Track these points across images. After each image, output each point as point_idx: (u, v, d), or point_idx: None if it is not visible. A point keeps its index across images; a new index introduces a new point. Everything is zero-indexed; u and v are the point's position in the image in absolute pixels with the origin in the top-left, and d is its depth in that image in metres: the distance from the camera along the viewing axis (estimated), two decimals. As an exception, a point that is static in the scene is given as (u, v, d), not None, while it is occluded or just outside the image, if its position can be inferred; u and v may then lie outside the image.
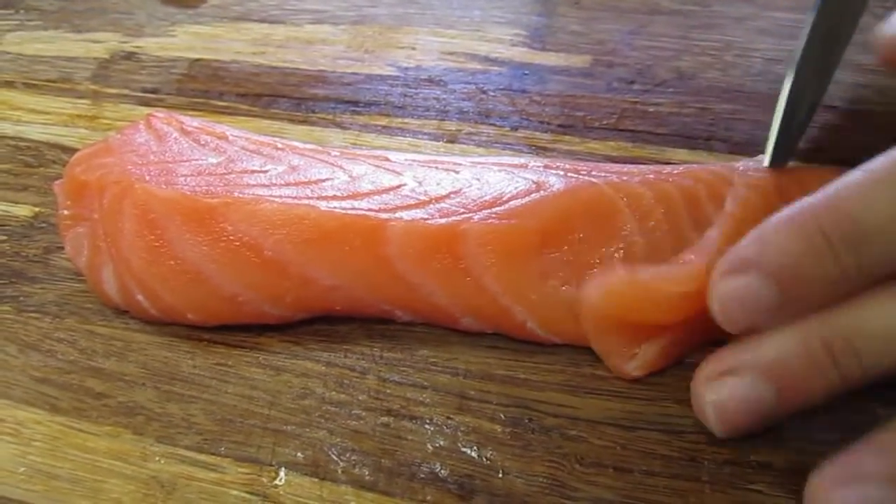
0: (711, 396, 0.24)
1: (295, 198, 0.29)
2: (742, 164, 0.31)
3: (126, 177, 0.30)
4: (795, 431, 0.26)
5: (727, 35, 0.40)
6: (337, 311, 0.30)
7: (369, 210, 0.29)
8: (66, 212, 0.32)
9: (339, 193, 0.29)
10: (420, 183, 0.30)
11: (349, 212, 0.28)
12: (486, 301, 0.28)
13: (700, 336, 0.27)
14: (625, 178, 0.30)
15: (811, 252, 0.22)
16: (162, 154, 0.32)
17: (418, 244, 0.28)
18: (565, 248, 0.28)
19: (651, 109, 0.37)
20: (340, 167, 0.31)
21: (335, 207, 0.29)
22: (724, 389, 0.24)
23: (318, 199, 0.29)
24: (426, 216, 0.28)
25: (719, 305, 0.23)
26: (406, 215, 0.28)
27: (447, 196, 0.29)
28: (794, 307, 0.23)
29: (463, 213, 0.28)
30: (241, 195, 0.29)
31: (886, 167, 0.22)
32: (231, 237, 0.28)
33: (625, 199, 0.29)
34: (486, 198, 0.29)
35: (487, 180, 0.30)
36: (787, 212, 0.23)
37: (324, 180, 0.30)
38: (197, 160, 0.31)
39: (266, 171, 0.31)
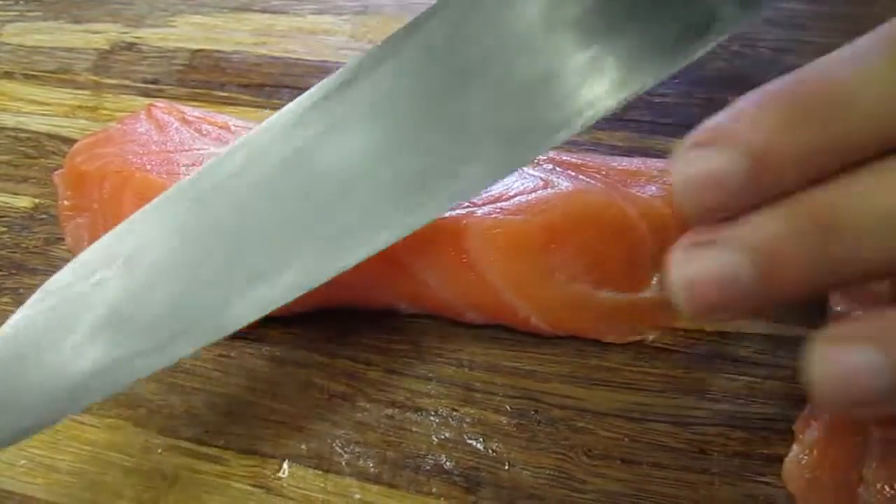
0: (683, 269, 0.20)
1: (298, 187, 0.29)
2: None
3: (127, 166, 0.30)
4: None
5: (734, 25, 0.40)
6: (340, 303, 0.29)
7: (373, 200, 0.28)
8: (66, 202, 0.31)
9: (342, 183, 0.29)
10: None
11: (352, 202, 0.28)
12: (489, 295, 0.28)
13: None
14: (630, 179, 0.29)
15: (789, 122, 0.19)
16: (163, 144, 0.31)
17: (421, 236, 0.27)
18: (572, 247, 0.27)
19: (657, 100, 0.37)
20: (344, 157, 0.30)
21: (339, 197, 0.28)
22: (698, 262, 0.20)
23: (321, 188, 0.29)
24: None
25: (681, 183, 0.20)
26: (410, 206, 0.28)
27: None
28: (767, 187, 0.19)
29: (468, 205, 0.28)
30: (243, 185, 0.29)
31: (877, 41, 0.19)
32: (233, 227, 0.28)
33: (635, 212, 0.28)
34: (492, 192, 0.28)
35: None
36: (766, 85, 0.19)
37: (327, 170, 0.30)
38: (198, 150, 0.31)
39: (268, 161, 0.30)
